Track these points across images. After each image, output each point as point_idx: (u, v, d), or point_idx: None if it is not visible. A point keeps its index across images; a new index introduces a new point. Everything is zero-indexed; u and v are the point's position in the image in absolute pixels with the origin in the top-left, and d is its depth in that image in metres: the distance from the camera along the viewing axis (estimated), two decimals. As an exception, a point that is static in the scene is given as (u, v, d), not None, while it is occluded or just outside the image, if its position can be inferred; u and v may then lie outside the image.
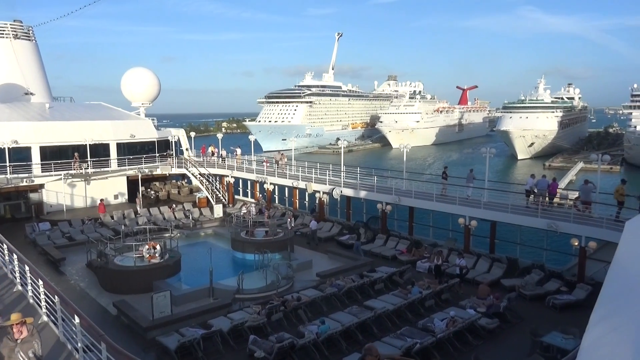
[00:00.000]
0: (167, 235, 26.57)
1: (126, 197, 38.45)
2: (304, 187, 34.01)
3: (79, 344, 8.70)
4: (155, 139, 40.28)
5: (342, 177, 33.47)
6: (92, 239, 25.11)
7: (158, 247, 22.28)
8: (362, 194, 31.19)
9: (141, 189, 37.30)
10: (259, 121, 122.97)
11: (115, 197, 37.89)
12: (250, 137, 47.40)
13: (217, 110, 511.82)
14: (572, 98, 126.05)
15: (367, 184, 31.79)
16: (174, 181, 43.60)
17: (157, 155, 39.55)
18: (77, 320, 8.81)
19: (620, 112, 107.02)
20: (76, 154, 35.01)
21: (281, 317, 17.51)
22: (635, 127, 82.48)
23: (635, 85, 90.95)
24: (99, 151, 36.93)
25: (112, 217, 33.04)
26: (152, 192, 40.44)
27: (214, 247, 25.25)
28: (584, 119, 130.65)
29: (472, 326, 16.47)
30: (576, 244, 21.33)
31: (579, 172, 73.07)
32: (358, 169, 33.50)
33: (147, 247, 22.16)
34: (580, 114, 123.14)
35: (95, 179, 36.86)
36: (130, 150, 38.47)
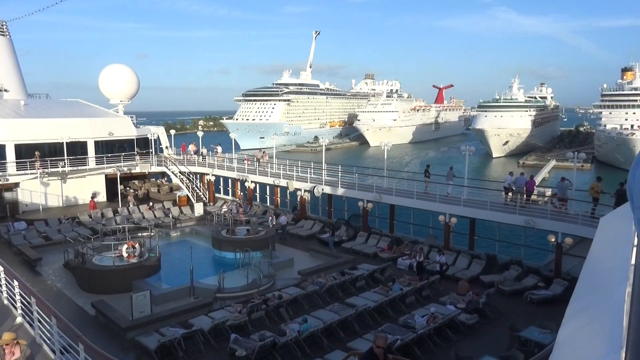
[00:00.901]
0: (146, 234, 26.26)
1: (104, 195, 37.86)
2: (286, 185, 33.95)
3: (56, 345, 8.55)
4: (135, 137, 39.73)
5: (323, 175, 33.51)
6: (70, 239, 24.69)
7: (137, 246, 21.99)
8: (344, 191, 31.27)
9: (120, 187, 36.78)
10: (237, 119, 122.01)
11: (94, 195, 37.26)
12: (230, 135, 47.10)
13: (193, 108, 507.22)
14: (545, 97, 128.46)
15: (349, 182, 31.89)
16: (154, 179, 43.09)
17: (136, 153, 39.02)
18: (53, 321, 8.65)
19: (591, 111, 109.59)
20: (37, 153, 33.84)
21: (262, 316, 17.47)
22: (605, 126, 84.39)
23: (605, 86, 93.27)
24: (76, 149, 36.28)
25: (90, 217, 32.51)
26: (131, 190, 39.88)
27: (194, 245, 25.04)
28: (556, 118, 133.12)
29: (452, 322, 16.67)
30: (553, 240, 21.75)
31: (552, 170, 74.49)
32: (339, 167, 33.61)
33: (126, 246, 21.85)
34: (552, 113, 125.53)
35: (72, 178, 36.19)
36: (109, 149, 37.87)
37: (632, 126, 79.07)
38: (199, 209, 35.48)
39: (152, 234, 25.83)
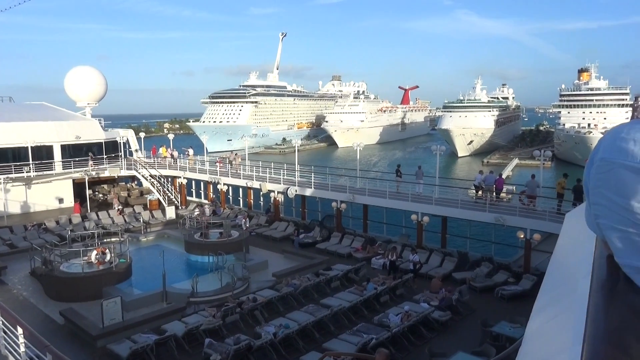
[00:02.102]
0: (116, 239, 25.73)
1: (72, 201, 36.91)
2: (259, 187, 33.79)
3: (23, 356, 8.29)
4: (103, 140, 38.88)
5: (296, 177, 33.47)
6: (36, 246, 23.96)
7: (107, 251, 21.53)
8: (317, 192, 31.31)
9: (88, 192, 35.93)
10: (203, 122, 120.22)
11: (60, 201, 36.33)
12: (202, 137, 46.58)
13: (157, 110, 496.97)
14: (507, 98, 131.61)
15: (322, 183, 31.95)
16: (124, 183, 42.26)
17: (105, 157, 38.20)
18: (19, 330, 8.39)
19: (550, 111, 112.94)
20: None
21: (237, 319, 17.33)
22: (564, 125, 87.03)
23: (563, 86, 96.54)
24: (42, 154, 35.25)
25: (57, 222, 31.64)
26: (100, 195, 39.01)
27: (166, 250, 24.67)
28: (518, 117, 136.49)
29: (426, 319, 16.88)
30: (522, 236, 22.27)
31: (515, 168, 76.34)
32: (312, 168, 33.64)
33: (95, 252, 21.36)
34: (514, 113, 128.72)
35: (37, 183, 35.17)
36: (76, 152, 36.94)
37: (589, 125, 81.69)
38: (170, 212, 34.96)
39: (123, 239, 25.34)
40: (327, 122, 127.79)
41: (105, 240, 25.34)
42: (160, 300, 19.50)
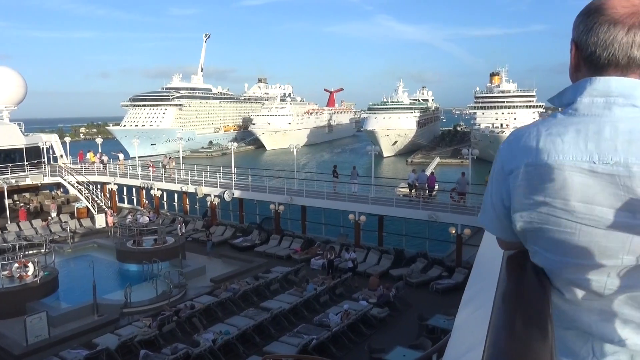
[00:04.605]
0: (41, 251, 24.22)
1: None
2: (194, 192, 32.98)
3: None
4: (24, 146, 36.44)
5: (233, 180, 33.00)
6: (-52, 262, 22.05)
7: (30, 264, 20.22)
8: (254, 195, 31.05)
9: (7, 201, 33.52)
10: (124, 125, 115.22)
11: (22, 206, 33.66)
12: (133, 141, 44.83)
13: (72, 114, 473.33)
14: (427, 100, 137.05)
15: (259, 185, 31.70)
16: (48, 191, 39.81)
17: (26, 163, 35.82)
18: None
19: (466, 112, 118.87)
20: None
21: (174, 328, 16.83)
22: (479, 125, 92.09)
23: (477, 89, 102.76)
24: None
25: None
26: (21, 204, 36.53)
27: (97, 260, 23.51)
28: (437, 118, 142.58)
29: (365, 317, 17.20)
30: (453, 231, 23.25)
31: (437, 167, 79.74)
32: (250, 171, 33.30)
33: (16, 265, 20.00)
34: (433, 114, 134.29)
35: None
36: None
37: (501, 125, 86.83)
38: (100, 220, 33.33)
39: (47, 250, 23.90)
40: (254, 124, 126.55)
41: (27, 252, 23.75)
42: (90, 312, 18.63)
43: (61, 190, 39.17)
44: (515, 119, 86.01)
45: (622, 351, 1.17)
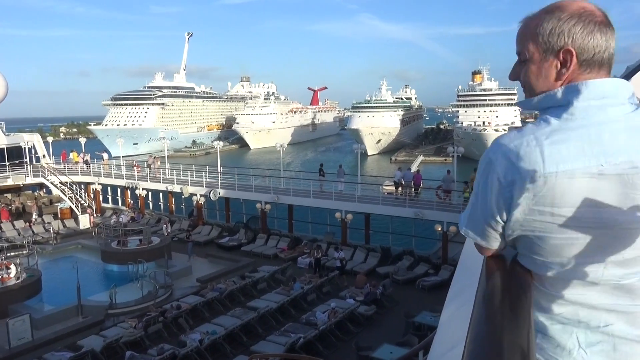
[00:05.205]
0: (23, 252, 23.87)
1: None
2: (180, 191, 32.73)
3: None
4: (5, 146, 35.85)
5: (219, 179, 32.82)
6: None
7: (13, 266, 19.92)
8: (241, 194, 30.92)
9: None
10: (106, 125, 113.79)
11: (5, 205, 33.05)
12: (117, 140, 44.36)
13: (51, 114, 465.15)
14: (410, 98, 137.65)
15: (245, 185, 31.57)
16: (30, 192, 39.20)
17: (8, 164, 35.24)
18: None
19: (449, 110, 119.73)
20: None
21: (160, 328, 16.70)
22: (462, 123, 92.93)
23: (460, 87, 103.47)
24: None
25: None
26: (3, 205, 35.92)
27: (81, 261, 23.24)
28: (420, 117, 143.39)
29: (352, 315, 17.25)
30: (439, 229, 23.41)
31: (420, 164, 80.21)
32: (236, 170, 33.15)
33: (-2, 267, 19.68)
34: (417, 113, 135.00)
35: None
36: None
37: (483, 123, 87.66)
38: (84, 221, 32.92)
39: (30, 251, 23.55)
40: (238, 123, 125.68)
41: (9, 254, 23.38)
42: (75, 314, 18.42)
43: (44, 190, 38.61)
44: (497, 116, 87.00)
45: (606, 339, 1.20)
